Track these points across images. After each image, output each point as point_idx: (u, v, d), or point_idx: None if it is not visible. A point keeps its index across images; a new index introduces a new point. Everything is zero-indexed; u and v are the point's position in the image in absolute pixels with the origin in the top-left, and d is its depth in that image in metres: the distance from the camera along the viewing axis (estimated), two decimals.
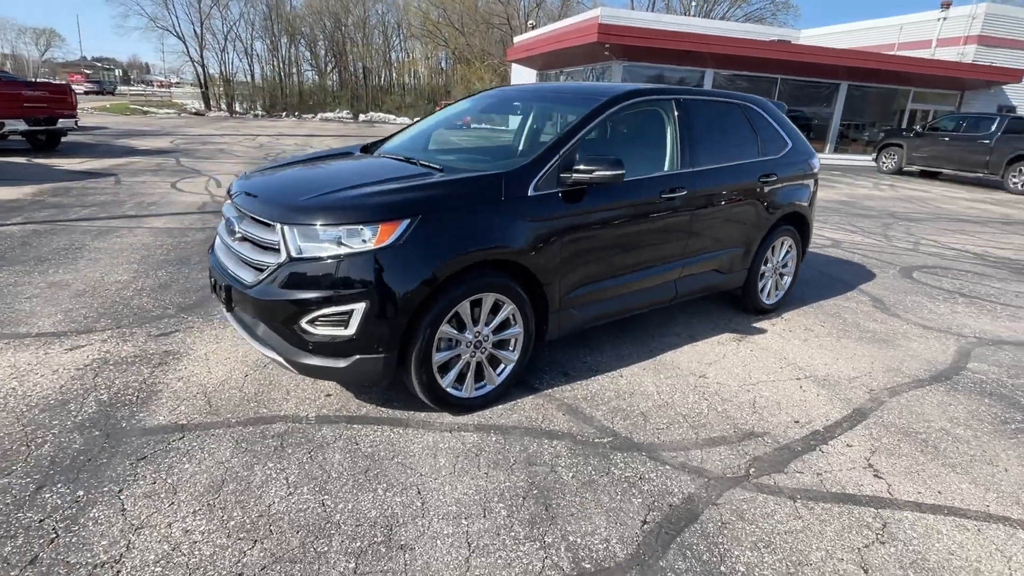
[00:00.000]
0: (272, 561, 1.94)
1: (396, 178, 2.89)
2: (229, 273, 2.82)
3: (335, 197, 2.68)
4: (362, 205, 2.60)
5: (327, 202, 2.64)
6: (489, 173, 2.90)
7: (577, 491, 2.38)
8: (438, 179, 2.85)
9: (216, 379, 3.11)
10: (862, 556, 2.12)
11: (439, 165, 3.16)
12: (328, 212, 2.57)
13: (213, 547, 1.98)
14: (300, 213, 2.59)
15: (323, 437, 2.64)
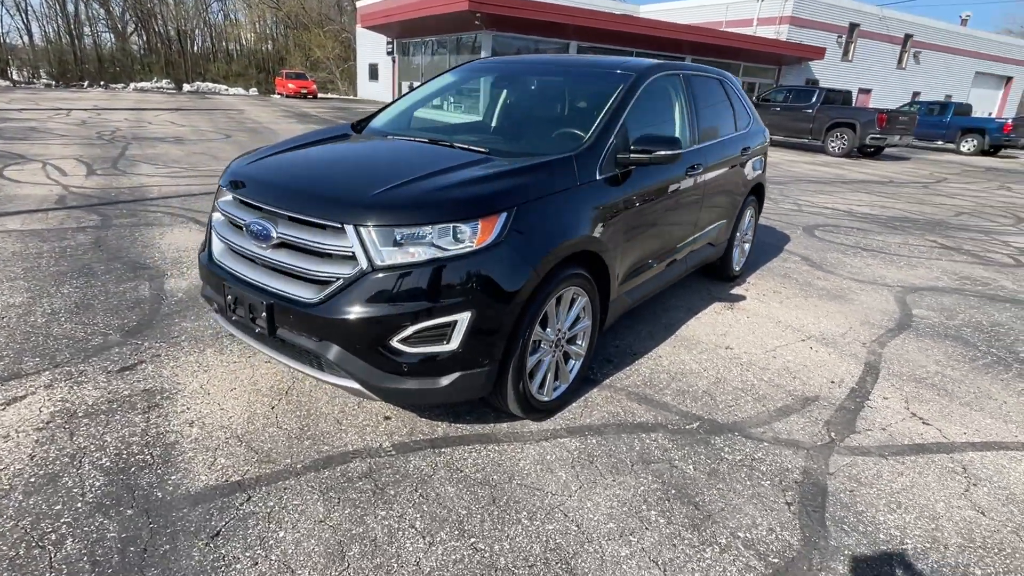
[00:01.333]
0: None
1: (461, 165, 2.52)
2: (264, 288, 2.29)
3: (417, 190, 2.27)
4: (455, 199, 2.23)
5: (410, 196, 2.23)
6: (562, 157, 2.65)
7: (708, 483, 2.32)
8: (521, 164, 2.54)
9: (239, 417, 2.55)
10: (971, 500, 2.33)
11: (484, 147, 2.82)
12: (416, 209, 2.18)
13: None
14: (378, 211, 2.16)
15: (418, 469, 2.29)
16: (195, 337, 3.26)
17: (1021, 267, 6.03)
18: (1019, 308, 4.72)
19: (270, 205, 2.34)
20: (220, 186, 2.69)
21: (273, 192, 2.39)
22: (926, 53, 29.26)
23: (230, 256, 2.51)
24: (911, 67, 29.04)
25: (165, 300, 3.72)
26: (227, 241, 2.52)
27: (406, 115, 3.68)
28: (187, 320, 3.46)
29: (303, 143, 3.04)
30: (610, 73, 3.31)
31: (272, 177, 2.52)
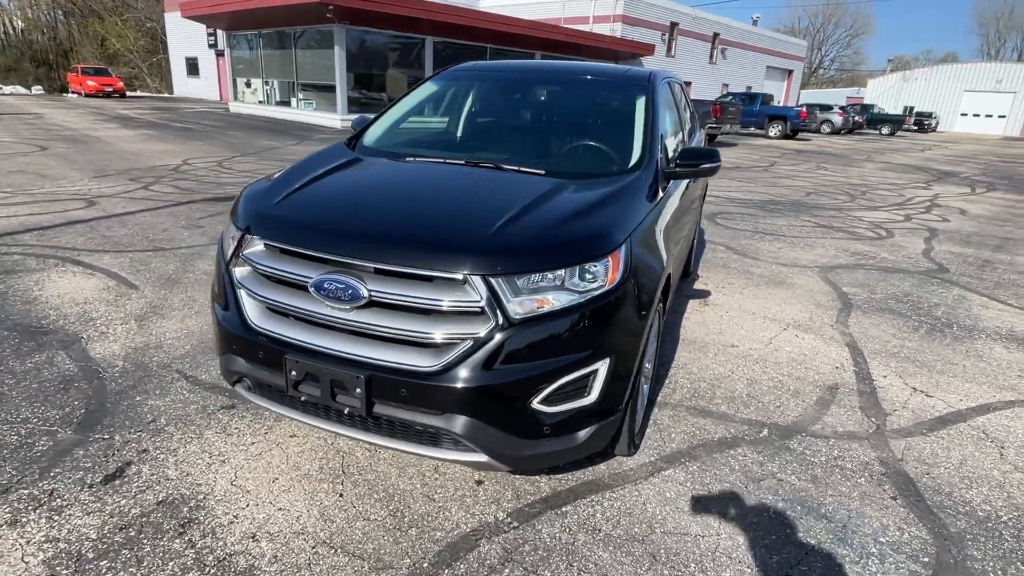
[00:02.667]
0: None
1: (548, 193, 2.24)
2: (356, 360, 1.88)
3: (534, 227, 1.98)
4: (582, 235, 1.99)
5: (533, 236, 1.95)
6: (634, 178, 2.51)
7: (819, 492, 2.37)
8: (607, 189, 2.34)
9: (308, 515, 2.08)
10: (1011, 463, 2.65)
11: (539, 169, 2.58)
12: (546, 250, 1.91)
13: None
14: (506, 256, 1.86)
15: (555, 539, 2.04)
16: (179, 418, 2.61)
17: (886, 239, 7.09)
18: (910, 277, 5.52)
19: (346, 256, 1.91)
20: (239, 230, 2.15)
21: (345, 239, 1.96)
22: (731, 50, 33.29)
23: (282, 322, 2.02)
24: (720, 62, 32.86)
25: (104, 373, 2.94)
26: (274, 302, 2.02)
27: (409, 131, 3.28)
28: (152, 397, 2.77)
29: (324, 170, 2.55)
30: (621, 82, 3.24)
31: (334, 220, 2.07)
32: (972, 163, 19.11)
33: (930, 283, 5.36)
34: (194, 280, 4.30)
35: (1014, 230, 8.16)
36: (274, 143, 13.19)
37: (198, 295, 4.02)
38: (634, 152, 2.76)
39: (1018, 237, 7.68)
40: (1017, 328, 4.36)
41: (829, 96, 54.06)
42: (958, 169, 16.68)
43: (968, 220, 8.68)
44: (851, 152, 20.28)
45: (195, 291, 4.09)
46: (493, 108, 3.45)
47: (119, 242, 5.12)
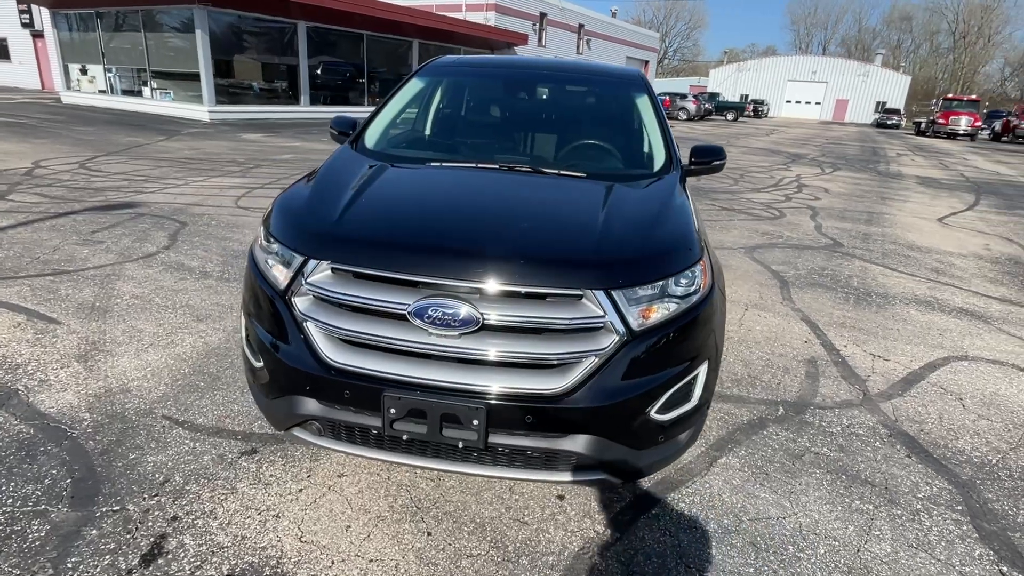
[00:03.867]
0: None
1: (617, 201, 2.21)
2: (471, 389, 1.74)
3: (636, 238, 1.96)
4: (678, 245, 2.00)
5: (640, 247, 1.92)
6: (674, 177, 2.54)
7: (852, 459, 2.61)
8: (664, 191, 2.35)
9: (406, 562, 1.90)
10: (973, 412, 3.09)
11: (578, 172, 2.53)
12: (655, 260, 1.89)
13: None
14: (622, 269, 1.81)
15: (660, 543, 2.06)
16: (196, 473, 2.26)
17: (781, 218, 7.87)
18: (818, 252, 6.20)
19: (452, 279, 1.76)
20: (302, 256, 1.89)
21: (448, 260, 1.79)
22: (595, 40, 34.84)
23: (371, 355, 1.80)
24: (586, 52, 34.26)
25: (73, 431, 2.45)
26: (359, 335, 1.80)
27: (415, 132, 3.05)
28: (149, 452, 2.36)
29: (360, 180, 2.29)
30: (619, 80, 3.26)
31: (421, 238, 1.89)
32: (810, 145, 21.77)
33: (835, 257, 6.06)
34: (128, 307, 3.70)
35: (871, 205, 9.44)
36: (139, 139, 11.66)
37: (143, 324, 3.47)
38: (656, 152, 2.80)
39: (877, 211, 8.90)
40: (918, 292, 5.07)
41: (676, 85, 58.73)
42: (802, 151, 18.92)
43: (834, 198, 9.89)
44: (711, 138, 22.18)
45: (135, 320, 3.53)
46: (498, 108, 3.32)
47: (3, 267, 4.27)
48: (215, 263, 4.62)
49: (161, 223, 5.66)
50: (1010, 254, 6.71)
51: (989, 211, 9.57)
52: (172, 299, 3.87)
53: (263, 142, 12.52)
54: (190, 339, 3.34)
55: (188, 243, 5.08)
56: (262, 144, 12.14)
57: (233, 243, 5.16)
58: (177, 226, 5.59)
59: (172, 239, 5.17)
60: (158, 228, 5.48)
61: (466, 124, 3.24)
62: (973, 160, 19.70)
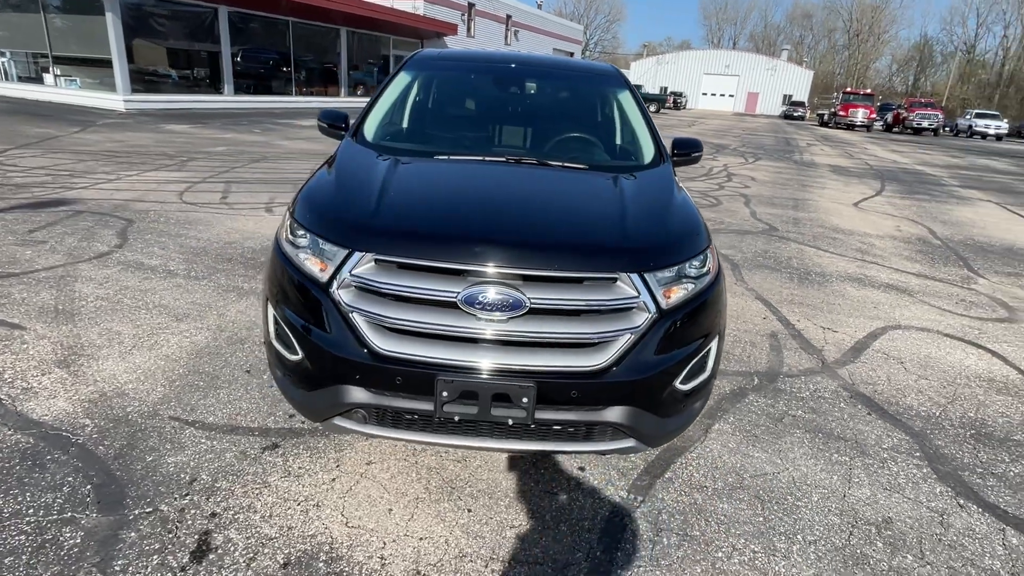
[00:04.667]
0: None
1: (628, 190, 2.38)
2: (520, 369, 1.86)
3: (656, 224, 2.14)
4: (694, 230, 2.19)
5: (663, 232, 2.10)
6: (668, 167, 2.74)
7: (824, 420, 2.93)
8: (665, 181, 2.53)
9: (461, 539, 2.01)
10: (912, 372, 3.52)
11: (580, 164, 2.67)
12: (677, 245, 2.08)
13: None
14: (652, 253, 1.99)
15: (680, 501, 2.26)
16: (223, 471, 2.25)
17: (719, 205, 8.38)
18: (758, 236, 6.68)
19: (499, 266, 1.86)
20: (345, 249, 1.93)
21: (492, 248, 1.89)
22: (523, 32, 35.07)
23: (422, 342, 1.88)
24: (514, 44, 34.45)
25: (78, 437, 2.37)
26: (409, 323, 1.87)
27: (411, 126, 3.10)
28: (167, 453, 2.32)
29: (381, 174, 2.33)
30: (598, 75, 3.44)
31: (463, 228, 1.98)
32: (730, 136, 23.00)
33: (773, 240, 6.55)
34: (96, 309, 3.53)
35: (795, 192, 10.19)
36: (50, 130, 10.75)
37: (119, 326, 3.33)
38: (644, 144, 2.99)
39: (801, 198, 9.62)
40: (850, 271, 5.60)
41: None
42: (724, 142, 19.98)
43: (761, 186, 10.59)
44: None
45: (108, 322, 3.37)
46: (492, 102, 3.39)
47: None
48: (178, 261, 4.44)
49: (105, 220, 5.33)
50: (918, 234, 7.49)
51: (894, 196, 10.56)
52: (142, 299, 3.72)
53: (191, 133, 11.87)
54: (174, 339, 3.24)
55: (141, 241, 4.84)
56: (190, 136, 11.51)
57: (191, 240, 4.96)
58: (123, 223, 5.29)
59: (122, 237, 4.90)
60: (103, 226, 5.17)
61: (463, 118, 3.31)
62: (873, 149, 21.51)
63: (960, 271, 5.89)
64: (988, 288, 5.38)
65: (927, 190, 11.48)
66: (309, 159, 9.52)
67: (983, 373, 3.58)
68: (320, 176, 2.41)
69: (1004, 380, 3.52)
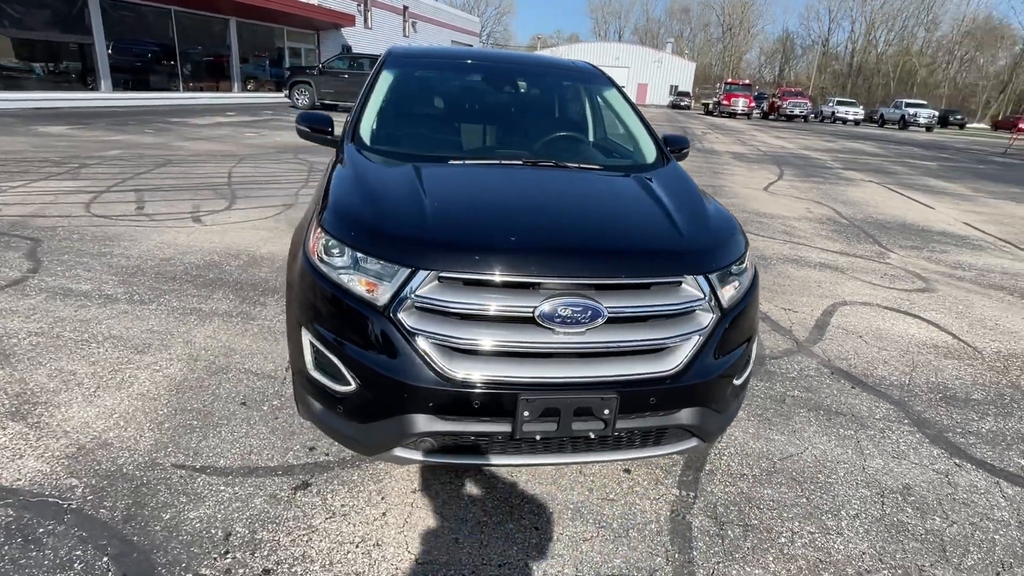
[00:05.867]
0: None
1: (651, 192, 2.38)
2: (599, 381, 1.82)
3: (706, 226, 2.16)
4: (735, 228, 2.24)
5: (717, 235, 2.13)
6: (673, 164, 2.78)
7: (817, 398, 3.13)
8: (686, 182, 2.55)
9: (541, 560, 1.94)
10: (869, 344, 3.84)
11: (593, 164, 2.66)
12: (729, 246, 2.12)
13: None
14: (712, 256, 2.02)
15: (727, 492, 2.33)
16: (259, 520, 2.03)
17: None
18: None
19: (575, 277, 1.81)
20: (406, 268, 1.78)
21: (564, 259, 1.83)
22: (420, 24, 34.40)
23: (497, 361, 1.79)
24: (413, 36, 33.72)
25: (70, 503, 2.03)
26: (476, 342, 1.77)
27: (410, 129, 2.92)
28: (183, 508, 2.06)
29: (406, 182, 2.17)
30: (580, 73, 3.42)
31: (529, 239, 1.89)
32: None
33: None
34: (34, 347, 3.05)
35: (710, 179, 10.79)
36: None
37: (71, 365, 2.90)
38: (644, 142, 3.02)
39: (717, 184, 10.21)
40: (784, 252, 6.01)
41: None
42: None
43: None
44: None
45: (55, 361, 2.93)
46: (488, 102, 3.25)
47: None
48: (112, 284, 3.94)
49: (5, 241, 4.62)
50: (827, 215, 8.19)
51: (794, 180, 11.48)
52: (87, 331, 3.26)
53: (73, 136, 10.57)
54: (143, 375, 2.87)
55: (59, 263, 4.25)
56: (73, 139, 10.25)
57: (118, 259, 4.42)
58: (29, 244, 4.61)
59: (34, 260, 4.28)
60: (4, 248, 4.48)
61: (464, 120, 3.17)
62: (760, 136, 23.25)
63: (873, 247, 6.51)
64: (900, 262, 5.99)
65: (819, 173, 12.59)
66: (221, 162, 8.80)
67: (927, 340, 3.99)
68: (341, 188, 2.21)
69: (946, 345, 3.93)
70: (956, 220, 8.36)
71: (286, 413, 2.64)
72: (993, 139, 33.83)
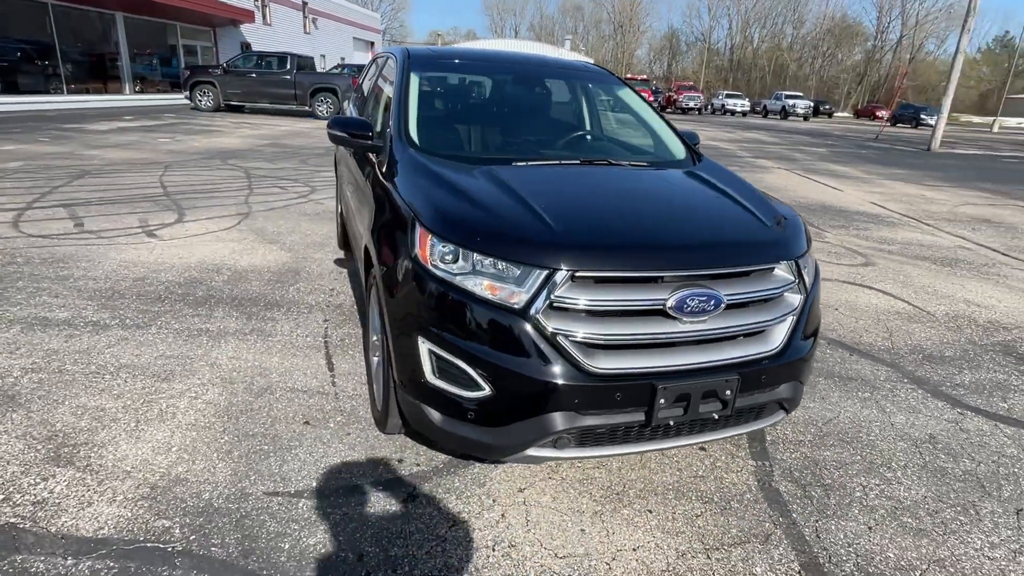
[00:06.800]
0: None
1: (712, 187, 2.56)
2: (720, 365, 1.95)
3: (778, 215, 2.31)
4: (796, 215, 2.42)
5: (786, 221, 2.29)
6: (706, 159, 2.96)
7: (826, 364, 3.45)
8: (728, 172, 2.73)
9: (668, 538, 2.04)
10: (854, 316, 4.27)
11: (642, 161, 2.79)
12: (800, 230, 2.31)
13: None
14: (798, 244, 2.20)
15: (795, 458, 2.54)
16: (384, 537, 1.98)
17: None
18: None
19: (694, 269, 1.92)
20: (531, 268, 1.82)
21: (686, 253, 1.94)
22: (321, 20, 33.06)
23: (632, 353, 1.87)
24: (314, 32, 32.37)
25: (168, 545, 1.88)
26: (620, 337, 1.85)
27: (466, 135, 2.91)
28: (304, 536, 1.97)
29: (495, 185, 2.20)
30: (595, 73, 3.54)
31: (649, 236, 1.99)
32: None
33: None
34: (40, 383, 2.73)
35: None
36: None
37: (93, 400, 2.63)
38: (671, 139, 3.18)
39: None
40: None
41: None
42: None
43: None
44: None
45: (75, 397, 2.65)
46: (520, 102, 3.26)
47: None
48: (92, 309, 3.58)
49: None
50: None
51: None
52: (91, 362, 2.97)
53: None
54: (183, 403, 2.67)
55: (16, 291, 3.79)
56: None
57: (84, 281, 4.01)
58: None
59: None
60: None
61: (502, 120, 3.17)
62: None
63: (811, 228, 7.14)
64: (836, 240, 6.62)
65: (735, 162, 13.52)
66: (145, 171, 8.11)
67: (890, 309, 4.48)
68: (430, 192, 2.18)
69: (906, 312, 4.44)
70: (865, 200, 9.32)
71: (356, 428, 2.56)
72: (860, 126, 37.71)
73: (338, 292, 4.11)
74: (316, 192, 7.43)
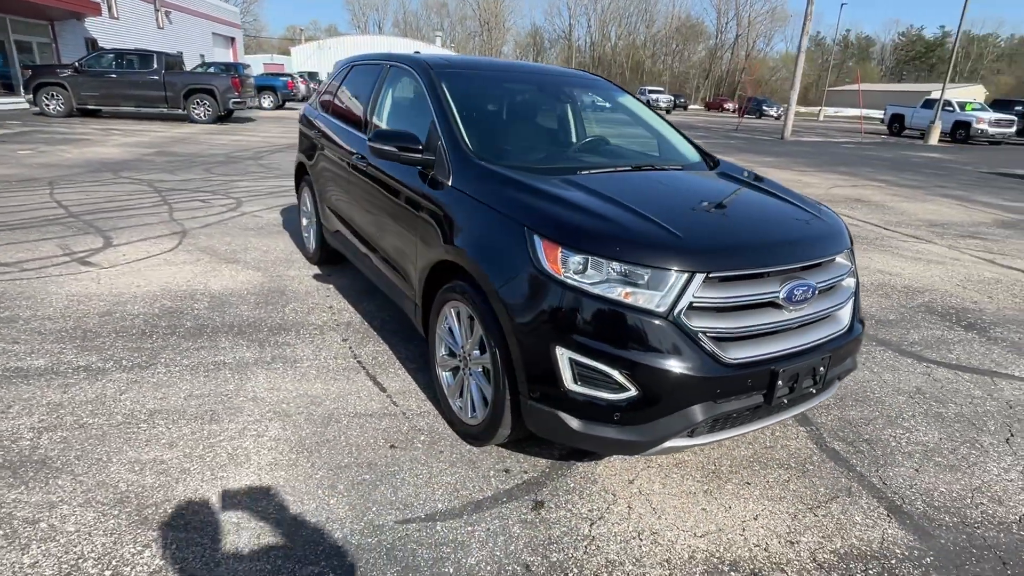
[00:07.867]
0: None
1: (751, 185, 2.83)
2: (815, 345, 2.22)
3: (824, 211, 2.62)
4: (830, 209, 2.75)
5: (836, 217, 2.64)
6: (724, 161, 3.24)
7: None
8: (747, 174, 3.02)
9: (771, 506, 2.28)
10: None
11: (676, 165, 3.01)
12: (844, 225, 2.62)
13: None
14: (845, 233, 2.53)
15: (844, 432, 2.91)
16: (540, 548, 2.03)
17: None
18: None
19: (792, 263, 2.17)
20: (673, 272, 1.96)
21: (784, 248, 2.18)
22: (175, 14, 30.06)
23: (753, 343, 2.08)
24: (168, 28, 29.39)
25: None
26: (745, 329, 2.05)
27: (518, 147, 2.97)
28: (459, 558, 1.97)
29: (605, 194, 2.31)
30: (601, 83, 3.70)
31: (753, 235, 2.21)
32: None
33: None
34: (69, 443, 2.40)
35: None
36: None
37: (143, 454, 2.36)
38: (682, 144, 3.43)
39: None
40: None
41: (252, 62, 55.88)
42: None
43: None
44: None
45: (121, 451, 2.36)
46: (550, 113, 3.30)
47: None
48: (71, 353, 3.15)
49: None
50: None
51: None
52: (112, 412, 2.64)
53: None
54: (248, 444, 2.48)
55: None
56: None
57: (38, 322, 3.50)
58: None
59: None
60: None
61: (542, 129, 3.22)
62: None
63: None
64: None
65: None
66: (26, 190, 7.05)
67: None
68: (532, 202, 2.24)
69: None
70: None
71: (446, 444, 2.55)
72: (714, 118, 41.48)
73: (340, 310, 3.95)
74: (244, 204, 6.93)
